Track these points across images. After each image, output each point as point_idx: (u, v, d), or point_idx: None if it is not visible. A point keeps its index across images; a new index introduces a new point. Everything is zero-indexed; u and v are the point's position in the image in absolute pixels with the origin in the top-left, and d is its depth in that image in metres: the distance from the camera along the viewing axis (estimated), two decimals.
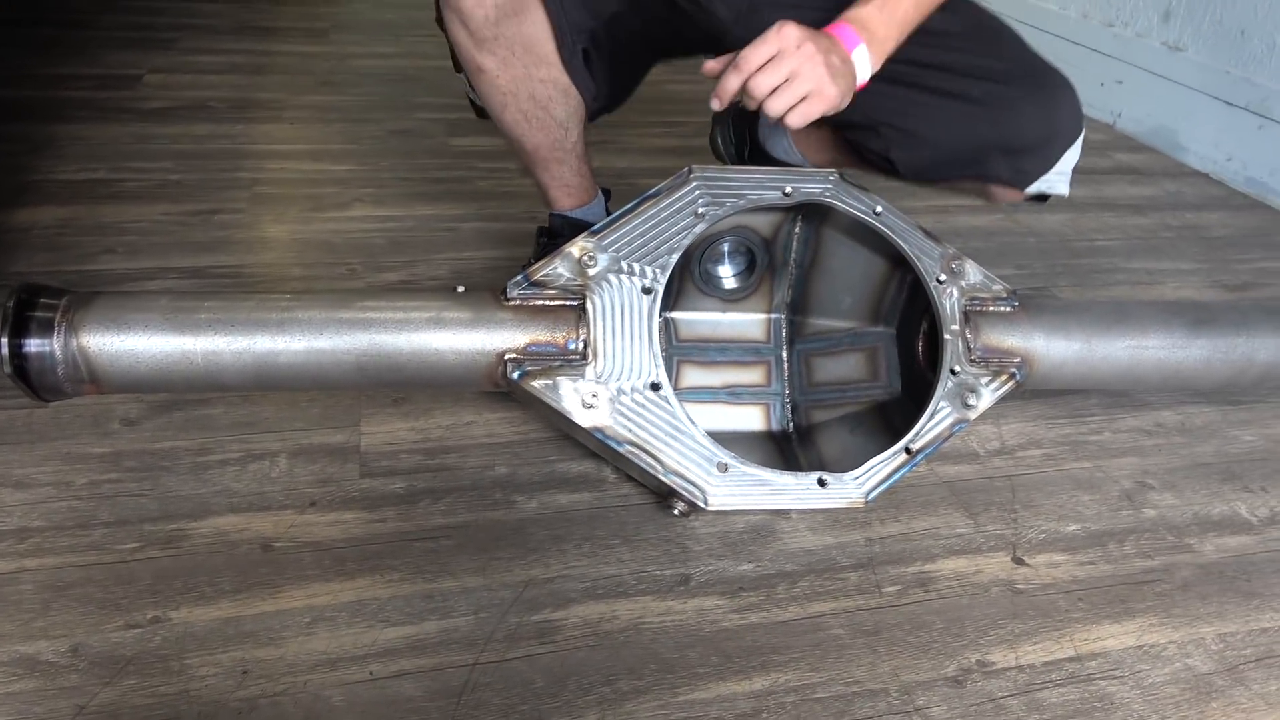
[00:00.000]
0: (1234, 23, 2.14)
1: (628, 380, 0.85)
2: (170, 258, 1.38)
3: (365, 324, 0.85)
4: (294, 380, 0.85)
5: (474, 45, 1.05)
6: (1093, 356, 1.00)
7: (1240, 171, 2.12)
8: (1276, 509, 1.08)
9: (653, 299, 0.87)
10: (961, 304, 0.95)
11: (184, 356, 0.82)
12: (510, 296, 0.88)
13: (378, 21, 2.86)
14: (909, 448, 0.89)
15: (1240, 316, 1.06)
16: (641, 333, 0.86)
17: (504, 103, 1.10)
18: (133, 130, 1.83)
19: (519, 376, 0.85)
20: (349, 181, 1.70)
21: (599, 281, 0.87)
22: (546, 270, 0.88)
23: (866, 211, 0.95)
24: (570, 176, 1.22)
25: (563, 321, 0.87)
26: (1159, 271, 1.66)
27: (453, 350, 0.86)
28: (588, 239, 0.88)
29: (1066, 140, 1.07)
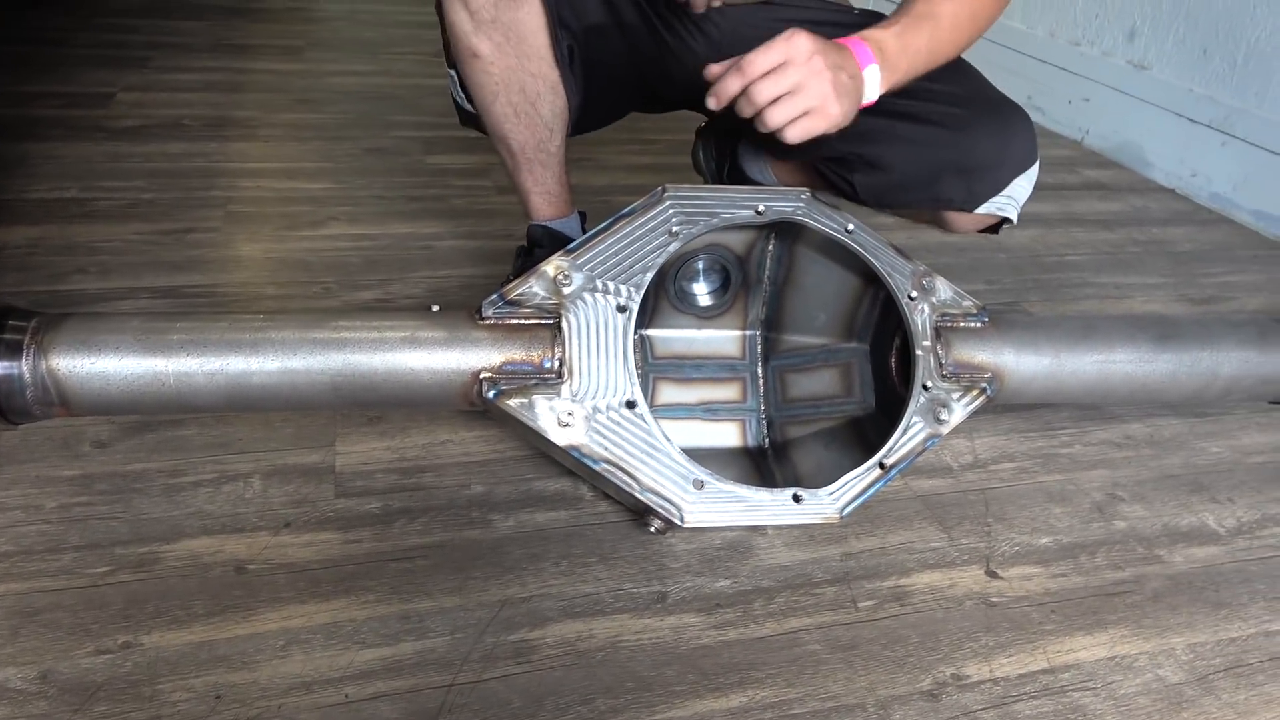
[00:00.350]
0: (1196, 42, 2.19)
1: (603, 398, 0.85)
2: (143, 277, 1.37)
3: (339, 344, 0.85)
4: (268, 401, 0.85)
5: (472, 28, 1.05)
6: (1061, 371, 1.02)
7: (1205, 187, 2.17)
8: (1243, 519, 1.10)
9: (627, 317, 0.88)
10: (932, 320, 0.96)
11: (155, 378, 0.81)
12: (485, 315, 0.88)
13: (354, 39, 2.86)
14: (883, 463, 0.90)
15: (1204, 330, 1.09)
16: (616, 351, 0.87)
17: (495, 93, 1.10)
18: (105, 149, 1.82)
19: (494, 395, 0.85)
20: (324, 200, 1.70)
21: (574, 300, 0.87)
22: (521, 289, 0.88)
23: (839, 229, 0.96)
24: (552, 183, 1.23)
25: (538, 340, 0.87)
26: (1127, 286, 1.69)
27: (428, 369, 0.86)
28: (562, 258, 0.88)
29: (1019, 166, 1.09)
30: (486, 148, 1.27)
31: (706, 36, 1.20)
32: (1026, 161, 1.10)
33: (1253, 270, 1.83)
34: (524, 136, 1.15)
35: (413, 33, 2.99)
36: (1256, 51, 2.05)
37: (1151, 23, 2.31)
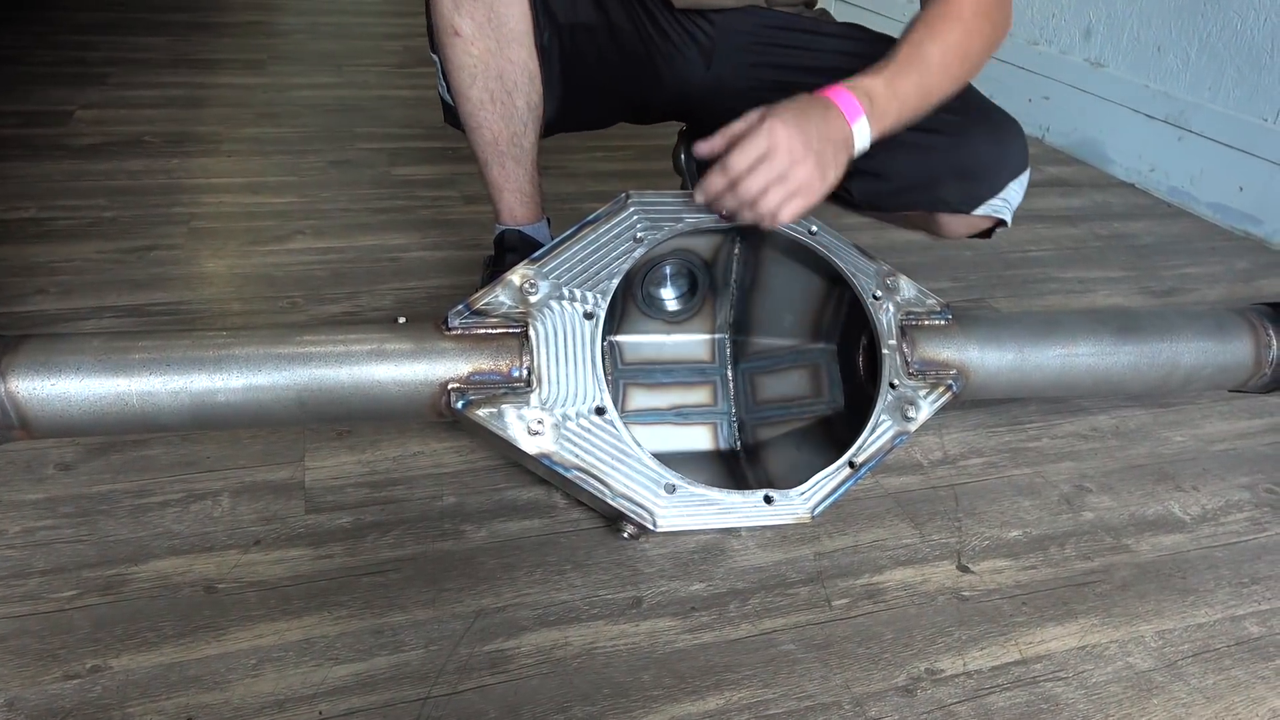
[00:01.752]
0: (1150, 40, 2.23)
1: (572, 406, 0.85)
2: (105, 296, 1.36)
3: (305, 358, 0.84)
4: (234, 419, 0.84)
5: (453, 5, 1.05)
6: (1026, 365, 1.03)
7: (1163, 181, 2.20)
8: (1207, 506, 1.12)
9: (595, 324, 0.88)
10: (898, 319, 0.97)
11: (118, 398, 0.80)
12: (452, 326, 0.88)
13: (317, 52, 2.84)
14: (852, 461, 0.90)
15: (1164, 322, 1.11)
16: (585, 358, 0.87)
17: (473, 76, 1.10)
18: (64, 167, 1.79)
19: (463, 406, 0.85)
20: (289, 214, 1.68)
21: (540, 308, 0.88)
22: (488, 299, 0.88)
23: (802, 232, 0.97)
24: (525, 181, 1.23)
25: (505, 349, 0.87)
26: (1090, 280, 1.71)
27: (395, 382, 0.86)
28: (528, 266, 0.89)
29: (1014, 170, 1.11)
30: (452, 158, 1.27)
31: (696, 43, 1.21)
32: (1020, 166, 1.12)
33: (1211, 261, 1.86)
34: (499, 127, 1.15)
35: (376, 44, 2.97)
36: (1208, 47, 2.09)
37: (1106, 21, 2.35)
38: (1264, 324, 1.14)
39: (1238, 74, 2.03)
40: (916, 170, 1.10)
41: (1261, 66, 1.98)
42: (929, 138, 1.09)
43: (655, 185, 1.88)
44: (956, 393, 0.98)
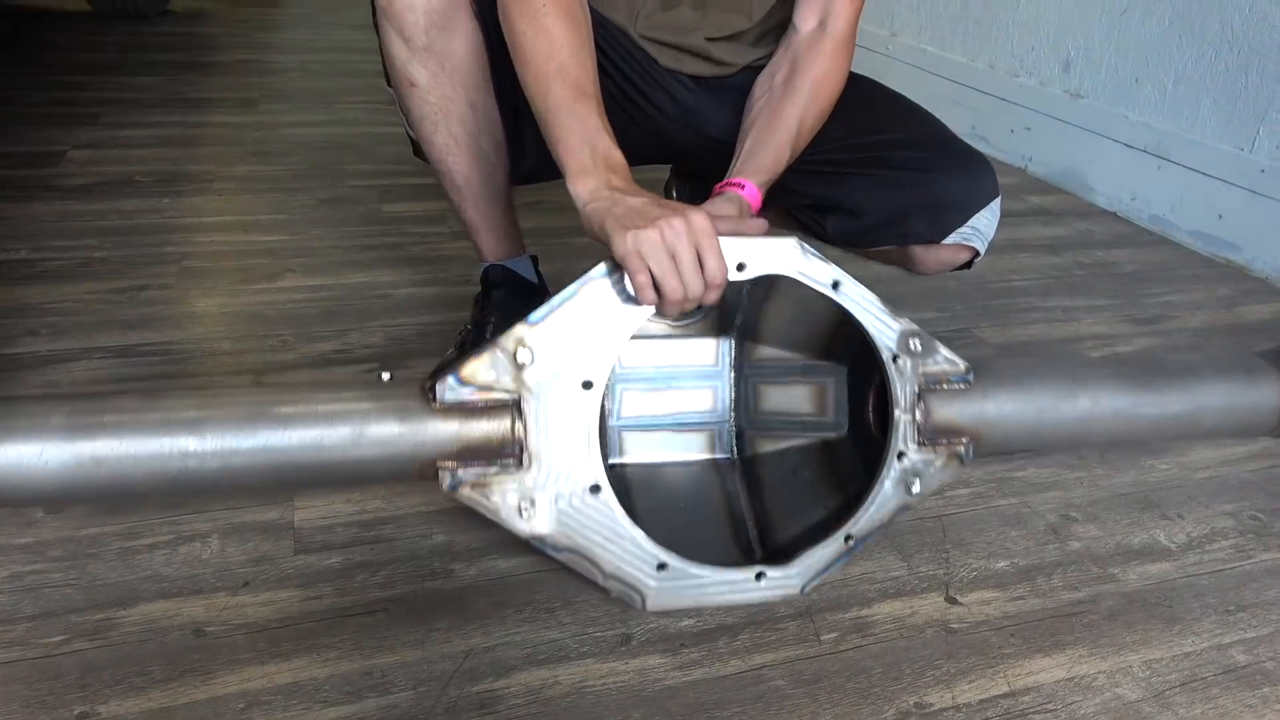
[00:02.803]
0: (1128, 71, 2.27)
1: (566, 484, 0.82)
2: (96, 337, 1.36)
3: (284, 435, 0.80)
4: (210, 489, 0.81)
5: (407, 55, 1.07)
6: (1042, 427, 0.99)
7: (1144, 209, 2.24)
8: (1192, 534, 1.13)
9: (593, 394, 0.83)
10: (916, 384, 0.92)
11: (92, 465, 0.76)
12: (440, 400, 0.83)
13: (308, 90, 2.87)
14: (849, 535, 0.89)
15: (1190, 375, 1.04)
16: (580, 431, 0.82)
17: (434, 124, 1.12)
18: (55, 208, 1.81)
19: (452, 487, 0.82)
20: (280, 252, 1.70)
21: (535, 379, 0.83)
22: (478, 369, 0.83)
23: (825, 285, 0.89)
24: (500, 218, 1.25)
25: (497, 424, 0.83)
26: (1073, 309, 1.73)
27: (380, 459, 0.83)
28: (524, 330, 0.82)
29: (983, 198, 1.14)
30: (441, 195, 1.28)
31: (677, 102, 1.24)
32: (989, 196, 1.14)
33: (1194, 289, 1.88)
34: (467, 170, 1.17)
35: (366, 81, 3.01)
36: (1184, 79, 2.13)
37: (1084, 54, 2.40)
38: None
39: (1213, 104, 2.07)
40: (887, 207, 1.13)
41: (1235, 97, 2.02)
42: (899, 175, 1.12)
43: None
44: (967, 461, 0.95)
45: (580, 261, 1.73)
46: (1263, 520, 1.16)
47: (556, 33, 0.92)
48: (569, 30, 0.92)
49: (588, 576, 0.84)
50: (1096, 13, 2.35)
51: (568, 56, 0.91)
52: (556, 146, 0.89)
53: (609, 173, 0.85)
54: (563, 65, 0.91)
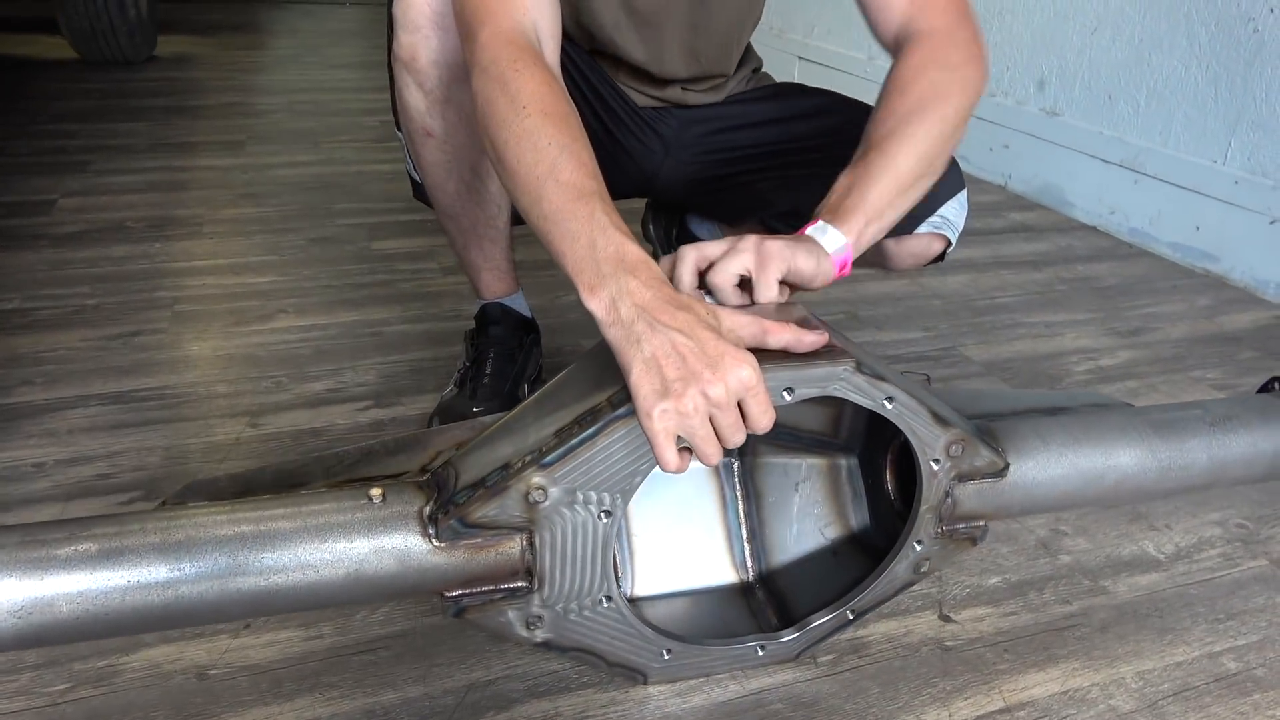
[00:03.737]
0: (1101, 89, 2.32)
1: (576, 600, 0.79)
2: (91, 384, 1.37)
3: (272, 580, 0.72)
4: (183, 622, 0.73)
5: (425, 107, 1.08)
6: (1063, 503, 0.96)
7: (1124, 223, 2.27)
8: (1181, 544, 1.14)
9: (611, 522, 0.76)
10: (948, 484, 0.87)
11: (48, 605, 0.67)
12: (443, 540, 0.75)
13: (295, 130, 2.90)
14: (853, 610, 0.90)
15: (1214, 430, 0.99)
16: (596, 556, 0.78)
17: (448, 171, 1.14)
18: (47, 257, 1.82)
19: (455, 613, 0.78)
20: (271, 293, 1.71)
21: (549, 515, 0.75)
22: (486, 512, 0.74)
23: (877, 403, 0.79)
24: (501, 259, 1.27)
25: (505, 558, 0.77)
26: (1057, 324, 1.76)
27: (378, 595, 0.78)
28: (539, 474, 0.73)
29: (949, 190, 1.16)
30: (430, 231, 1.31)
31: (658, 134, 1.26)
32: (955, 187, 1.16)
33: (1174, 300, 1.91)
34: (475, 213, 1.19)
35: (353, 120, 3.04)
36: (1156, 95, 2.17)
37: (1059, 73, 2.44)
38: None
39: (1185, 119, 2.11)
40: None
41: (1206, 112, 2.06)
42: None
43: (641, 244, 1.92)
44: (978, 542, 0.93)
45: (568, 294, 1.76)
46: (1249, 528, 1.18)
47: (541, 133, 0.79)
48: (555, 127, 0.80)
49: (591, 666, 0.85)
50: (1068, 32, 2.40)
51: (558, 153, 0.78)
52: (562, 260, 0.75)
53: (625, 276, 0.71)
54: (554, 165, 0.77)
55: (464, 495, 0.74)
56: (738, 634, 0.90)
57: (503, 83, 0.83)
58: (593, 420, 0.72)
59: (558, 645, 0.81)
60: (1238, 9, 1.97)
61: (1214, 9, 2.02)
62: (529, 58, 0.85)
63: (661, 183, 1.35)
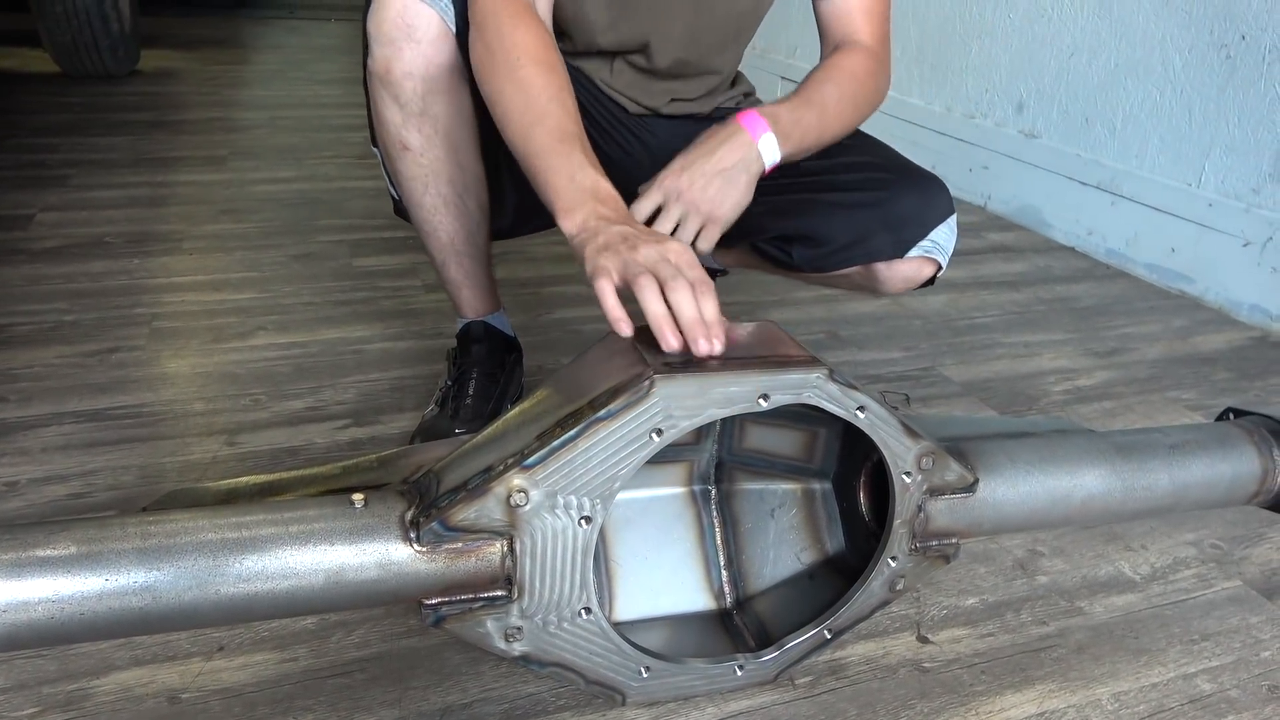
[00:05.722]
0: (1078, 112, 2.35)
1: (555, 612, 0.79)
2: (66, 402, 1.36)
3: (251, 586, 0.71)
4: (160, 627, 0.72)
5: (401, 120, 1.09)
6: (1033, 521, 0.97)
7: (1101, 244, 2.30)
8: (1156, 565, 1.15)
9: (591, 528, 0.76)
10: (920, 498, 0.88)
11: (23, 607, 0.66)
12: (424, 544, 0.75)
13: (277, 146, 2.89)
14: (830, 629, 0.89)
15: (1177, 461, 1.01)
16: (575, 564, 0.78)
17: (425, 185, 1.14)
18: (24, 272, 1.80)
19: (434, 622, 0.78)
20: (251, 310, 1.70)
21: (530, 519, 0.75)
22: (467, 515, 0.74)
23: (849, 412, 0.82)
24: (481, 276, 1.27)
25: (485, 564, 0.77)
26: (1035, 344, 1.78)
27: (358, 600, 0.77)
28: (520, 475, 0.73)
29: (939, 215, 1.17)
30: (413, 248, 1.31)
31: (644, 145, 1.27)
32: (946, 212, 1.17)
33: (1151, 321, 1.94)
34: (453, 228, 1.19)
35: (336, 136, 3.04)
36: (1131, 119, 2.21)
37: (1036, 96, 2.48)
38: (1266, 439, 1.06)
39: (1160, 143, 2.14)
40: (849, 230, 1.16)
41: (1181, 136, 2.09)
42: (859, 196, 1.16)
43: None
44: (952, 560, 0.94)
45: (549, 312, 1.76)
46: (1223, 549, 1.19)
47: (533, 82, 0.93)
48: (546, 78, 0.94)
49: (570, 683, 0.84)
50: (1046, 56, 2.43)
51: (547, 102, 0.92)
52: (544, 190, 0.89)
53: (596, 203, 0.85)
54: (543, 111, 0.91)
55: (446, 499, 0.75)
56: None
57: (499, 35, 0.96)
58: (574, 422, 0.73)
59: (536, 659, 0.81)
60: (1211, 36, 2.01)
61: (1188, 36, 2.06)
62: (523, 11, 0.97)
63: None
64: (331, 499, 0.77)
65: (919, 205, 1.17)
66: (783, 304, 1.87)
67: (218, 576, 0.71)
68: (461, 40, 1.06)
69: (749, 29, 1.29)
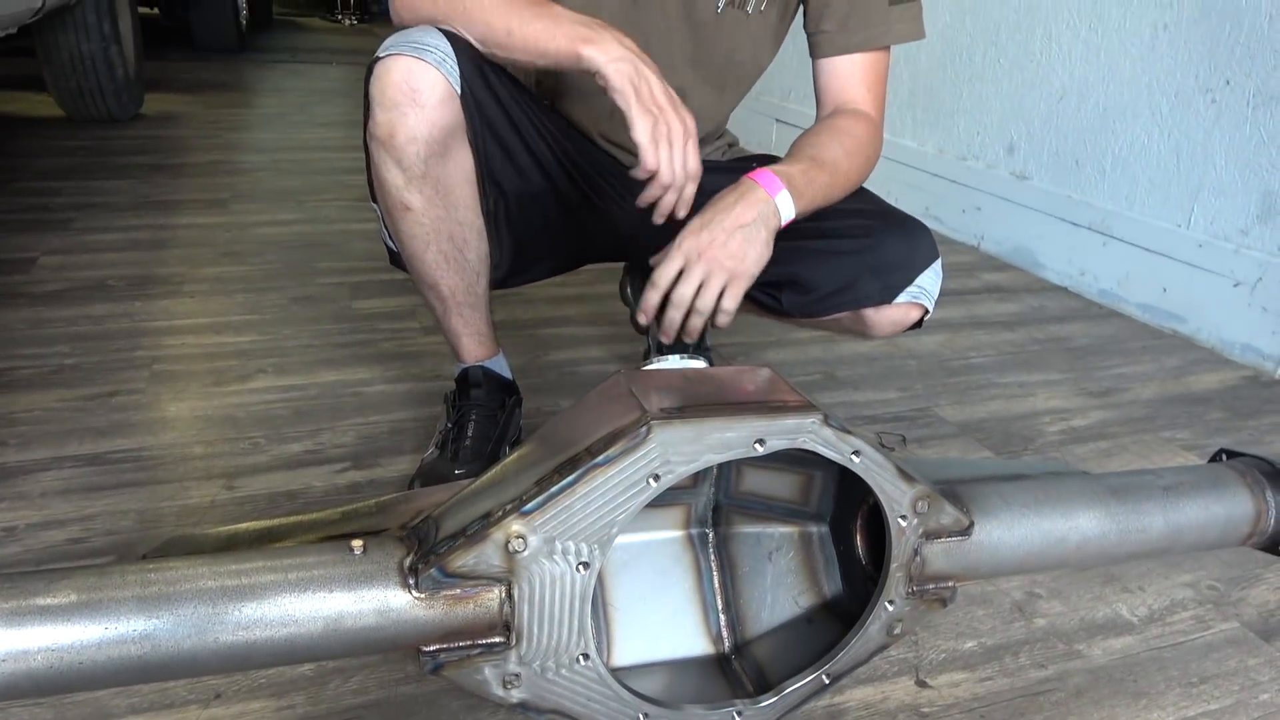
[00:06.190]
0: (1068, 154, 2.39)
1: (553, 658, 0.79)
2: (66, 446, 1.36)
3: (249, 634, 0.72)
4: (160, 675, 0.72)
5: (404, 183, 1.10)
6: (1028, 564, 0.97)
7: (1093, 284, 2.32)
8: (1154, 606, 1.15)
9: (589, 574, 0.78)
10: (916, 542, 0.89)
11: (22, 656, 0.66)
12: (423, 591, 0.75)
13: (279, 189, 2.93)
14: (828, 674, 0.89)
15: (1171, 497, 1.02)
16: (573, 609, 0.78)
17: (426, 243, 1.16)
18: (26, 315, 1.82)
19: (432, 670, 0.78)
20: (251, 352, 1.72)
21: (528, 565, 0.75)
22: (466, 561, 0.76)
23: (844, 456, 0.83)
24: (481, 324, 1.28)
25: (483, 610, 0.77)
26: (1030, 384, 1.79)
27: (356, 648, 0.77)
28: (518, 521, 0.74)
29: (925, 260, 1.19)
30: (412, 290, 1.31)
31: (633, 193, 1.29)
32: (930, 257, 1.20)
33: (1144, 360, 1.95)
34: (454, 282, 1.21)
35: (336, 178, 3.07)
36: (1120, 161, 2.24)
37: (1027, 138, 2.52)
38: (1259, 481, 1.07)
39: (1149, 184, 2.17)
40: (837, 276, 1.18)
41: (1169, 178, 2.12)
42: (845, 244, 1.18)
43: (614, 309, 1.95)
44: (949, 603, 0.94)
45: (547, 354, 1.78)
46: (1220, 590, 1.19)
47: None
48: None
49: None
50: (1035, 99, 2.48)
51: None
52: (549, 43, 1.00)
53: (609, 30, 1.00)
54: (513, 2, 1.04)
55: (445, 545, 0.75)
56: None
57: None
58: (572, 468, 0.74)
59: (534, 706, 0.80)
60: (1196, 80, 2.05)
61: (1173, 81, 2.10)
62: None
63: (641, 244, 1.38)
64: (331, 545, 0.78)
65: (905, 251, 1.19)
66: (779, 344, 1.88)
67: (217, 624, 0.71)
68: (465, 100, 1.08)
69: (746, 81, 1.32)
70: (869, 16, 1.19)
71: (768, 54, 1.30)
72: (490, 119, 1.13)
